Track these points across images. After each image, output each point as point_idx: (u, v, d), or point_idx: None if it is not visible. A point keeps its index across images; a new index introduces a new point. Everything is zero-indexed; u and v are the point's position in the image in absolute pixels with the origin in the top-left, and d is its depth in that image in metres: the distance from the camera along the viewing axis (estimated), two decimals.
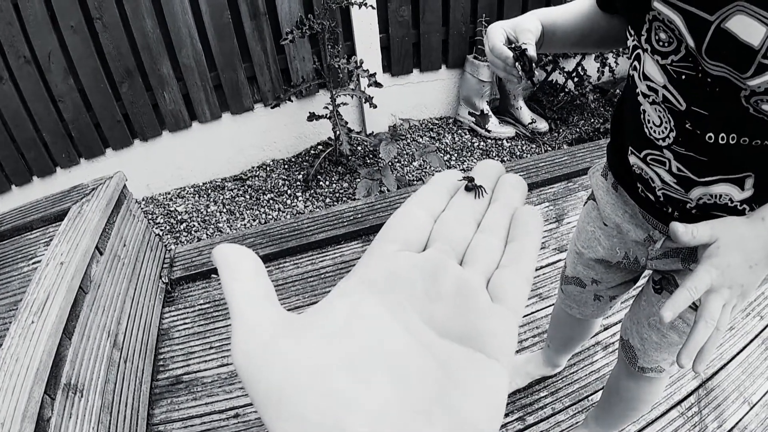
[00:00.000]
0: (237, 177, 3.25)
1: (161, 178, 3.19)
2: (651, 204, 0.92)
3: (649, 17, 0.72)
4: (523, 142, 3.35)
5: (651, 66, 0.75)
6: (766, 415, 1.71)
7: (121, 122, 2.89)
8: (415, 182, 2.99)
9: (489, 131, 3.34)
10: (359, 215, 2.51)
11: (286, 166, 3.26)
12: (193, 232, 2.87)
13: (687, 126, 0.74)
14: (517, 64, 0.84)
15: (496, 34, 0.87)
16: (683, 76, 0.71)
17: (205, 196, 3.15)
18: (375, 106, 2.78)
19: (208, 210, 3.03)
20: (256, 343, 0.25)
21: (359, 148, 3.20)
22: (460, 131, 3.47)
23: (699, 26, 0.64)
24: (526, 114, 3.40)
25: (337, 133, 2.82)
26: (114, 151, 2.98)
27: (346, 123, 2.86)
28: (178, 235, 2.87)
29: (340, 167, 3.12)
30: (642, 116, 0.83)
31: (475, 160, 3.19)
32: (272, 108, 2.95)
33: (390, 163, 3.00)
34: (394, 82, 3.29)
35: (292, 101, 2.96)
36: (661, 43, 0.71)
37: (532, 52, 0.83)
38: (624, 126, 0.93)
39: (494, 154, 3.23)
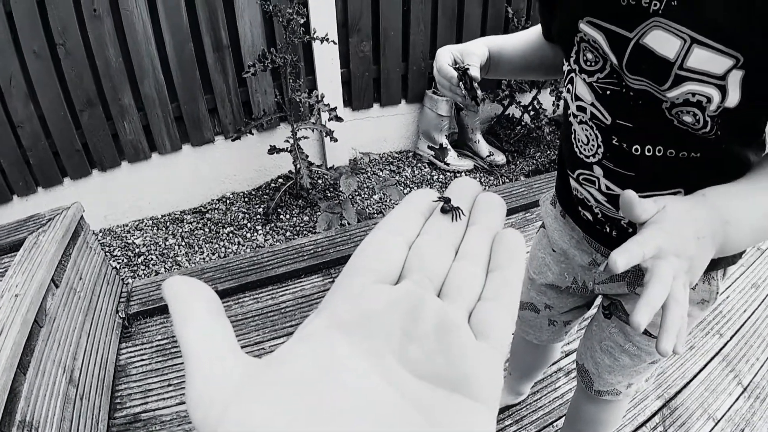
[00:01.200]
0: (196, 210, 3.24)
1: (119, 210, 3.16)
2: (592, 226, 0.96)
3: (577, 39, 0.77)
4: (482, 174, 3.43)
5: (581, 86, 0.80)
6: (732, 429, 1.78)
7: (80, 151, 2.87)
8: (375, 215, 3.03)
9: (448, 164, 3.42)
10: (320, 249, 2.53)
11: (246, 199, 3.27)
12: (150, 266, 2.84)
13: (614, 141, 0.79)
14: (460, 83, 0.88)
15: (444, 56, 0.92)
16: (608, 92, 0.75)
17: (163, 228, 3.13)
18: (336, 140, 2.83)
19: (167, 243, 3.01)
20: (218, 399, 0.23)
21: (320, 181, 3.24)
22: (419, 165, 3.54)
23: (620, 43, 0.68)
24: (484, 147, 3.49)
25: (298, 166, 2.85)
26: (72, 181, 2.94)
27: (307, 156, 2.89)
28: (135, 268, 2.84)
29: (300, 201, 3.14)
30: (573, 136, 0.88)
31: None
32: (233, 141, 2.96)
33: (350, 197, 3.04)
34: (354, 116, 3.35)
35: (252, 134, 2.99)
36: (588, 63, 0.76)
37: (474, 72, 0.88)
38: (563, 151, 0.98)
39: None
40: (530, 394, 1.88)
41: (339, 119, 2.78)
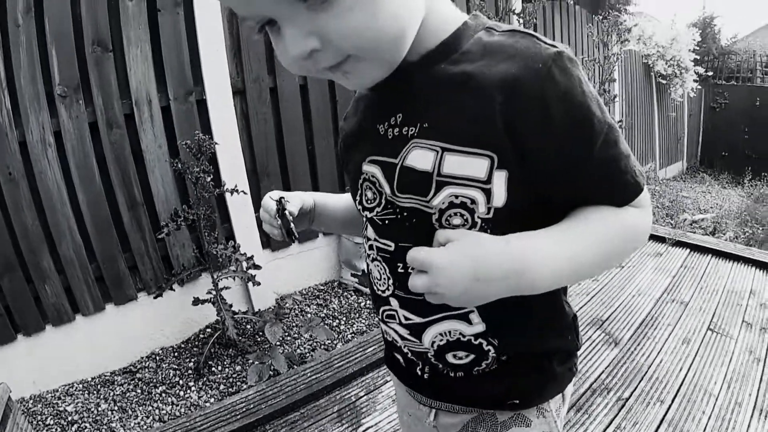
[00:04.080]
0: (126, 369, 3.25)
1: (48, 375, 3.13)
2: (407, 372, 0.97)
3: (360, 182, 0.85)
4: None
5: (368, 226, 0.88)
6: None
7: (3, 316, 2.87)
8: (307, 355, 3.12)
9: None
10: (252, 405, 2.58)
11: (176, 354, 3.30)
12: None
13: (399, 270, 0.83)
14: (277, 216, 0.96)
15: (270, 194, 1.01)
16: (386, 221, 0.82)
17: (95, 392, 3.12)
18: (258, 284, 2.94)
19: (99, 408, 3.00)
20: None
21: (248, 326, 3.32)
22: (345, 293, 3.67)
23: (391, 171, 0.78)
24: None
25: (222, 318, 2.94)
26: None
27: (231, 306, 2.98)
28: None
29: (230, 350, 3.20)
30: (371, 276, 0.93)
31: (363, 321, 3.38)
32: (155, 298, 3.04)
33: (278, 343, 3.12)
34: (275, 256, 3.48)
35: (174, 290, 3.07)
36: (368, 201, 0.84)
37: (291, 208, 0.97)
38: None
39: None
40: None
41: (257, 267, 2.89)
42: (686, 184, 10.24)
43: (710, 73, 12.21)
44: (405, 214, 0.78)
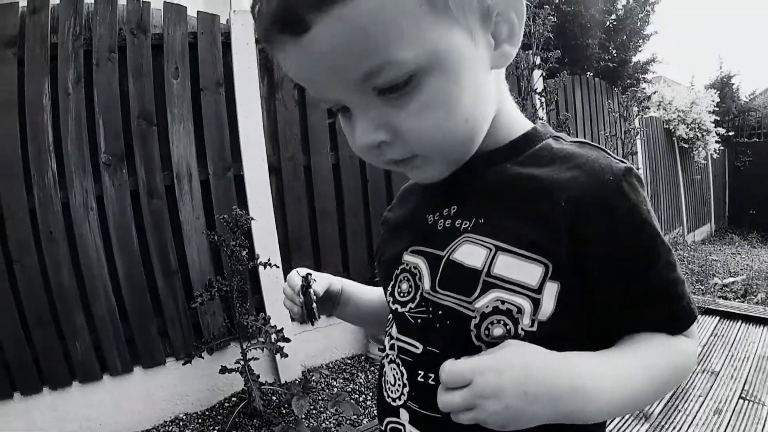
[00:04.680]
0: None
1: (69, 430, 3.18)
2: None
3: (397, 272, 0.80)
4: None
5: (393, 323, 0.82)
6: None
7: (31, 368, 2.94)
8: (333, 430, 3.14)
9: None
10: None
11: (200, 420, 3.33)
12: None
13: (419, 378, 0.75)
14: (300, 293, 0.91)
15: (299, 271, 0.96)
16: (419, 320, 0.75)
17: None
18: (286, 356, 3.00)
19: None
20: None
21: (274, 398, 3.37)
22: (372, 368, 3.70)
23: (435, 263, 0.73)
24: None
25: (249, 388, 3.00)
26: (22, 397, 2.98)
27: (258, 376, 3.04)
28: None
29: (255, 420, 3.24)
30: (383, 379, 0.85)
31: None
32: (184, 364, 3.10)
33: (304, 417, 3.16)
34: (303, 329, 3.54)
35: (203, 358, 3.15)
36: (402, 294, 0.79)
37: (317, 288, 0.93)
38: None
39: None
40: None
41: (286, 340, 2.96)
42: (715, 247, 10.15)
43: (732, 132, 12.22)
44: (440, 313, 0.72)
